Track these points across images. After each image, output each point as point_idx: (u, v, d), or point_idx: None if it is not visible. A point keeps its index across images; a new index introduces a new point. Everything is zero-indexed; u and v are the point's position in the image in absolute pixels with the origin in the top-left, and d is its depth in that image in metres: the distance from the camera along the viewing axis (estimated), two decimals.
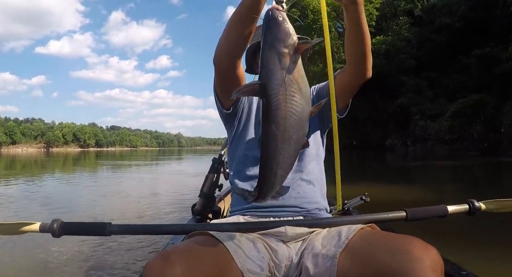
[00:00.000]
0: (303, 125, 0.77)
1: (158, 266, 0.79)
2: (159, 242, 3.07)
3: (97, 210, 5.32)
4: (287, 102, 0.74)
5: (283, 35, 0.75)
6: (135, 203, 5.92)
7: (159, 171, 15.59)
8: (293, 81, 0.75)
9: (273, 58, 0.75)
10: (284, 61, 0.74)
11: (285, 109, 0.74)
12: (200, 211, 1.90)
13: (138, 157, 36.52)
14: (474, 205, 1.23)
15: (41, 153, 69.23)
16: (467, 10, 27.62)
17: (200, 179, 2.07)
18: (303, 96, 0.76)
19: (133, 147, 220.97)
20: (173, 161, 26.14)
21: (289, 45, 0.75)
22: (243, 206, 1.25)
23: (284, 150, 0.77)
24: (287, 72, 0.74)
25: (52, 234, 1.09)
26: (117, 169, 16.35)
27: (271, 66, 0.75)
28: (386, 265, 0.83)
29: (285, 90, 0.74)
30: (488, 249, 2.86)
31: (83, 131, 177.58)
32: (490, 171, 12.17)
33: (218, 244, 0.96)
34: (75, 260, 2.82)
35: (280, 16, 0.76)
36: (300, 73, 0.76)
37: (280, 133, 0.75)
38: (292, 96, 0.75)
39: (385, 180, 9.17)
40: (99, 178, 11.67)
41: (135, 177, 11.93)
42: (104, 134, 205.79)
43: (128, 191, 7.62)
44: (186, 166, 18.94)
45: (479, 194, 6.46)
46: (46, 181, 10.29)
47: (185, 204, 5.18)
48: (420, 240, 0.86)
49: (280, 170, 0.79)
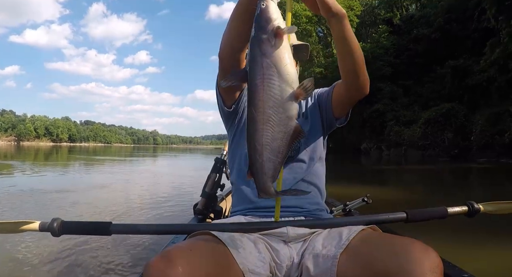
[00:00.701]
0: (285, 107, 0.78)
1: (159, 265, 0.78)
2: (160, 241, 3.00)
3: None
4: (264, 85, 0.77)
5: (263, 22, 0.79)
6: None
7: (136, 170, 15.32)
8: (271, 64, 0.77)
9: (254, 45, 0.79)
10: (263, 47, 0.77)
11: (262, 92, 0.77)
12: (202, 210, 1.89)
13: (112, 153, 35.66)
14: (473, 207, 1.24)
15: (11, 146, 66.54)
16: (443, 22, 28.61)
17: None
18: (282, 79, 0.78)
19: (107, 143, 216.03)
20: (149, 159, 25.66)
21: (268, 30, 0.78)
22: (245, 206, 1.25)
23: (267, 132, 0.79)
24: (265, 56, 0.77)
25: (51, 233, 1.07)
26: (91, 166, 15.96)
27: (252, 52, 0.79)
28: (386, 267, 0.83)
29: (263, 74, 0.77)
30: (488, 251, 2.90)
31: (56, 125, 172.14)
32: (458, 175, 12.65)
33: (219, 244, 0.96)
34: (74, 259, 2.78)
35: (263, 4, 0.80)
36: (280, 56, 0.78)
37: (259, 115, 0.78)
38: (269, 79, 0.77)
39: (360, 181, 9.47)
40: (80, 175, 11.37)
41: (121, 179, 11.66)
42: (78, 128, 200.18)
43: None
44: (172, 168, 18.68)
45: (447, 195, 6.76)
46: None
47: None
48: (420, 242, 0.86)
49: (267, 152, 0.80)
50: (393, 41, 31.44)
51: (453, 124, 23.40)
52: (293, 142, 0.81)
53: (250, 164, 0.83)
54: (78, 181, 8.64)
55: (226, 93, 1.27)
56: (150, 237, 3.15)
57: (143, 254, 2.90)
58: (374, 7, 38.88)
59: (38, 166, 13.31)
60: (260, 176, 0.82)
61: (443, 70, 26.58)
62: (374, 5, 39.14)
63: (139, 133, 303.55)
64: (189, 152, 52.96)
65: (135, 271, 2.53)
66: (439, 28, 28.85)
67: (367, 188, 7.60)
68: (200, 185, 2.00)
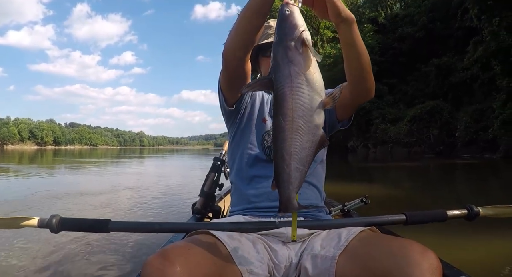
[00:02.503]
0: (314, 115, 0.77)
1: (157, 264, 0.78)
2: (158, 241, 3.01)
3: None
4: (293, 94, 0.75)
5: (288, 29, 0.77)
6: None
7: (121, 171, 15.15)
8: (300, 73, 0.76)
9: (280, 52, 0.77)
10: (290, 54, 0.76)
11: (292, 100, 0.75)
12: (200, 210, 1.89)
13: (98, 156, 35.17)
14: (473, 210, 1.24)
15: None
16: (427, 21, 29.13)
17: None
18: (312, 87, 0.77)
19: (93, 146, 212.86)
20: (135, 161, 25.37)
21: (294, 37, 0.76)
22: (244, 206, 1.25)
23: (295, 141, 0.77)
24: (293, 64, 0.75)
25: (50, 229, 1.08)
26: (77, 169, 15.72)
27: (278, 60, 0.77)
28: (384, 268, 0.83)
29: (291, 82, 0.75)
30: (486, 252, 2.92)
31: (40, 128, 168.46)
32: (445, 171, 12.87)
33: (218, 243, 0.96)
34: (73, 257, 2.78)
35: (287, 10, 0.78)
36: (308, 64, 0.77)
37: (288, 124, 0.76)
38: (298, 88, 0.76)
39: (348, 177, 9.68)
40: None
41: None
42: (63, 131, 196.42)
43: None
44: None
45: (432, 189, 6.87)
46: None
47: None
48: (419, 243, 0.86)
49: (294, 161, 0.78)
50: (378, 40, 31.75)
51: (438, 121, 23.83)
52: (318, 150, 0.81)
53: (276, 174, 0.80)
54: (66, 184, 8.49)
55: (229, 92, 1.25)
56: (148, 235, 3.12)
57: (142, 252, 2.89)
58: (359, 6, 39.22)
59: (40, 169, 13.03)
60: (286, 187, 0.80)
61: (427, 68, 27.07)
62: (359, 4, 39.49)
63: (125, 134, 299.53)
64: (176, 153, 52.53)
65: (133, 268, 2.53)
66: (423, 27, 29.36)
67: (355, 185, 7.71)
68: (191, 186, 1.99)
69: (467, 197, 6.37)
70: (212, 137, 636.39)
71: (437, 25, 28.65)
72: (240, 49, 1.09)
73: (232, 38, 1.09)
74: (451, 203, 5.66)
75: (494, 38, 17.29)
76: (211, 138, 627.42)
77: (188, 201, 5.39)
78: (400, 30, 31.74)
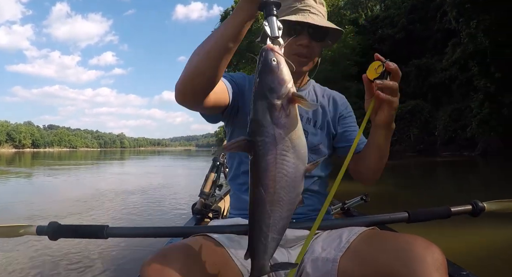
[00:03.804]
0: (296, 185, 0.69)
1: (156, 264, 0.76)
2: (157, 244, 2.98)
3: None
4: (277, 162, 0.65)
5: (276, 84, 0.65)
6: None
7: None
8: (286, 138, 0.65)
9: (263, 110, 0.65)
10: (275, 115, 0.65)
11: (275, 170, 0.66)
12: (200, 210, 1.89)
13: (78, 159, 34.52)
14: (477, 205, 1.20)
15: None
16: (407, 23, 29.66)
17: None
18: (297, 155, 0.67)
19: (73, 148, 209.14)
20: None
21: (282, 95, 0.65)
22: (243, 211, 1.19)
23: (275, 213, 0.69)
24: (278, 127, 0.65)
25: (48, 236, 1.06)
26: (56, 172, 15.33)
27: (260, 119, 0.65)
28: (388, 265, 0.81)
29: (276, 148, 0.65)
30: (487, 249, 2.93)
31: (18, 131, 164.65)
32: (426, 169, 13.26)
33: (217, 244, 0.94)
34: (72, 261, 2.79)
35: (273, 60, 0.66)
36: (294, 128, 0.67)
37: (269, 196, 0.67)
38: (283, 155, 0.66)
39: (332, 177, 9.70)
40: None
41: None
42: (41, 133, 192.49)
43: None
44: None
45: (419, 187, 6.97)
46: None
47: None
48: (423, 238, 0.83)
49: (272, 233, 0.71)
50: (359, 41, 32.12)
51: (418, 121, 24.33)
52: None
53: (252, 246, 0.73)
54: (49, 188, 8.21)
55: (210, 113, 1.09)
56: (147, 238, 3.11)
57: (141, 252, 2.92)
58: (340, 7, 39.63)
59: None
60: (261, 257, 0.73)
61: (407, 69, 27.52)
62: (340, 6, 39.90)
63: (105, 136, 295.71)
64: (157, 154, 52.17)
65: (132, 268, 2.55)
66: (403, 28, 29.91)
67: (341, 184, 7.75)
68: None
69: (451, 193, 6.57)
70: (193, 138, 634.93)
71: (417, 27, 29.22)
72: (200, 92, 0.89)
73: (191, 81, 0.86)
74: (433, 197, 5.88)
75: (471, 40, 17.72)
76: (192, 139, 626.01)
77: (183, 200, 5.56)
78: (381, 31, 32.26)
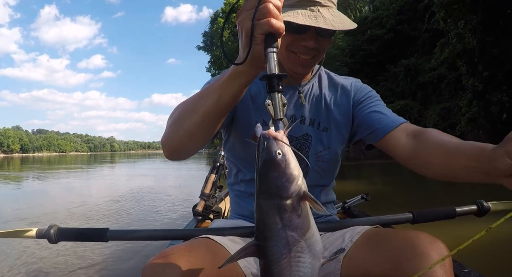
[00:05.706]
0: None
1: (158, 266, 0.76)
2: (160, 243, 3.02)
3: None
4: (291, 265, 0.59)
5: (283, 181, 0.57)
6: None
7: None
8: (299, 239, 0.59)
9: (271, 211, 0.58)
10: (286, 217, 0.58)
11: (290, 274, 0.59)
12: (201, 212, 1.88)
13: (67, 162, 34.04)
14: (482, 206, 1.18)
15: None
16: (395, 23, 30.00)
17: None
18: (313, 253, 0.60)
19: (62, 152, 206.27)
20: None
21: (292, 194, 0.57)
22: (244, 214, 1.18)
23: None
24: (290, 229, 0.58)
25: (48, 240, 1.05)
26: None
27: (269, 222, 0.58)
28: (392, 261, 0.79)
29: (289, 252, 0.59)
30: (489, 247, 2.93)
31: (6, 135, 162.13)
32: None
33: (219, 246, 0.92)
34: (73, 264, 2.77)
35: (278, 153, 0.57)
36: (307, 226, 0.59)
37: None
38: (298, 257, 0.59)
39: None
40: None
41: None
42: (30, 138, 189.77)
43: None
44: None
45: (407, 184, 7.04)
46: None
47: None
48: (427, 234, 0.82)
49: None
50: (348, 41, 32.41)
51: (408, 120, 24.45)
52: None
53: None
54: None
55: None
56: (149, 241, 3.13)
57: (142, 257, 2.88)
58: None
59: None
60: None
61: (397, 69, 27.87)
62: None
63: (95, 140, 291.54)
64: (148, 157, 51.72)
65: (133, 271, 2.53)
66: (392, 29, 30.23)
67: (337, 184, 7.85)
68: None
69: (445, 190, 6.62)
70: None
71: (405, 27, 29.55)
72: (198, 149, 0.90)
73: (185, 143, 0.86)
74: (428, 195, 5.89)
75: (459, 40, 17.95)
76: None
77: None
78: (370, 32, 32.52)
